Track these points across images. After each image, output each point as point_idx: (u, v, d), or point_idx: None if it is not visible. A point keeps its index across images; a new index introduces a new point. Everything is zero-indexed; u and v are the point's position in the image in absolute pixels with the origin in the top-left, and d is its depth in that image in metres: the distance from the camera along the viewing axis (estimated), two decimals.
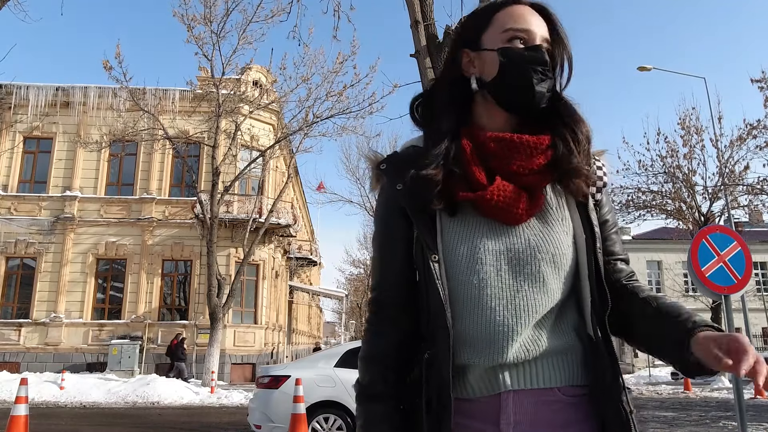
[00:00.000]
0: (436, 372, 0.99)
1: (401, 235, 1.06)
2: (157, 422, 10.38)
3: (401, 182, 1.05)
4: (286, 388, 6.76)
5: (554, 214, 1.04)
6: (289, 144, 20.55)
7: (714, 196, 20.82)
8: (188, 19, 16.76)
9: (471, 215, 1.03)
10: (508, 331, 0.97)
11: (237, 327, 20.81)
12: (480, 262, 0.99)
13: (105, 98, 21.00)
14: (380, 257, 1.11)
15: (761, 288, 32.02)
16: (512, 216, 1.00)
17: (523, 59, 1.04)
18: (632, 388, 19.96)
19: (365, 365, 1.08)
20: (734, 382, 4.81)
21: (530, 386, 0.99)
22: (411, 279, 1.07)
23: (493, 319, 0.98)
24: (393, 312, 1.08)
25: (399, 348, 1.06)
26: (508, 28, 1.05)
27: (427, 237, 1.02)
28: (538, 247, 1.00)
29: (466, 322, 0.99)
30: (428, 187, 1.02)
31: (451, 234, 1.02)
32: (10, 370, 18.18)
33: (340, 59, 17.95)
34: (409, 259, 1.06)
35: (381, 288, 1.11)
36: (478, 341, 0.99)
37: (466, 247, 1.01)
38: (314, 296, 41.92)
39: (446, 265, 1.01)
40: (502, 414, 0.99)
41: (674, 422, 10.25)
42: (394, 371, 1.06)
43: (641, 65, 20.50)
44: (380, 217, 1.11)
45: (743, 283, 4.86)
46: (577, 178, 1.04)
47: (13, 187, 21.75)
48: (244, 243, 18.36)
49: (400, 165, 1.07)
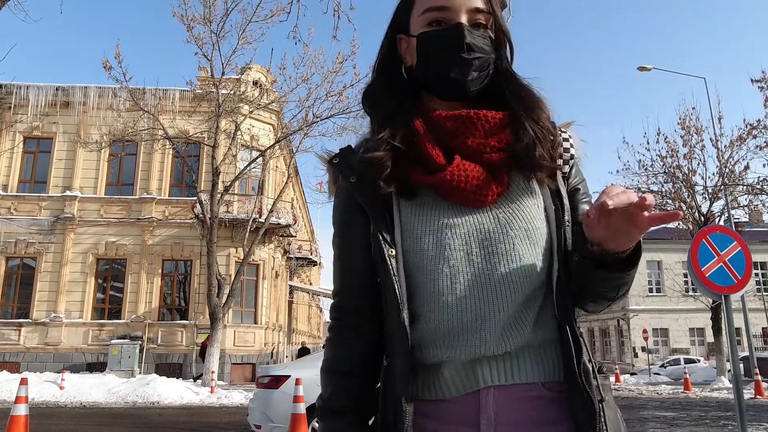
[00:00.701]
0: (391, 381, 0.91)
1: (361, 235, 0.97)
2: (157, 422, 10.37)
3: (354, 175, 0.98)
4: (286, 388, 6.75)
5: (522, 187, 0.96)
6: (289, 144, 20.56)
7: (714, 196, 20.83)
8: (188, 19, 16.78)
9: (432, 200, 0.95)
10: (488, 318, 0.89)
11: (237, 327, 20.81)
12: (449, 248, 0.91)
13: (105, 98, 21.00)
14: (340, 260, 1.03)
15: (761, 288, 32.02)
16: (478, 198, 0.92)
17: (436, 45, 0.96)
18: (632, 388, 19.96)
19: (326, 377, 1.00)
20: (734, 382, 4.81)
21: (513, 381, 0.90)
22: (375, 282, 0.98)
23: (469, 308, 0.89)
24: (356, 320, 1.00)
25: (363, 358, 0.98)
26: (425, 9, 0.97)
27: (384, 231, 0.93)
28: (509, 223, 0.92)
29: (440, 317, 0.91)
30: (376, 170, 0.95)
31: (413, 224, 0.94)
32: (10, 370, 18.18)
33: (340, 59, 17.98)
34: (370, 261, 0.97)
35: (343, 294, 1.02)
36: (453, 335, 0.90)
37: (431, 235, 0.92)
38: (314, 296, 41.92)
39: (412, 258, 0.92)
40: (482, 413, 0.89)
41: (674, 422, 10.24)
42: (358, 384, 0.98)
43: (641, 65, 20.54)
44: (338, 217, 1.03)
45: (743, 283, 4.86)
46: (538, 171, 0.95)
47: (13, 187, 21.76)
48: (244, 243, 18.36)
49: (353, 158, 1.00)
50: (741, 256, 4.87)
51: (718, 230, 5.07)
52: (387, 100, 1.02)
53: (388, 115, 1.01)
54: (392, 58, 1.05)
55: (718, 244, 4.89)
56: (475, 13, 0.96)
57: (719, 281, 4.85)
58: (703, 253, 4.87)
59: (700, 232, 5.05)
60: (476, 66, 0.95)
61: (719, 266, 4.85)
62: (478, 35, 0.96)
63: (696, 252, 4.87)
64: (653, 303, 34.56)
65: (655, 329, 33.41)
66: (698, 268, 4.84)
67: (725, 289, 4.85)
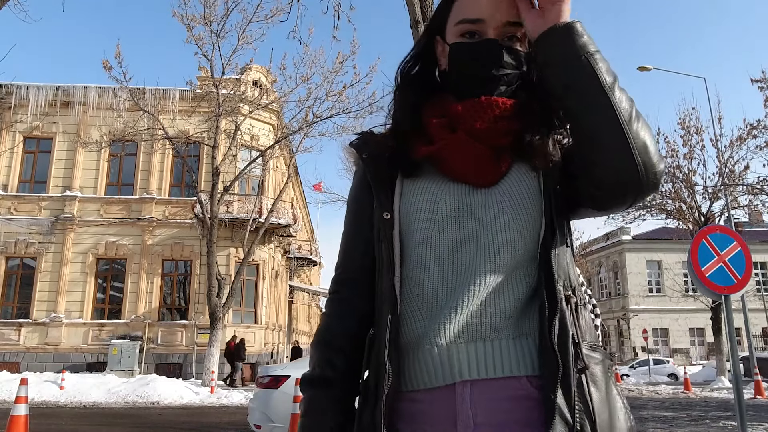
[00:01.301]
0: (376, 348, 0.89)
1: (368, 212, 0.99)
2: (157, 422, 10.37)
3: (366, 152, 1.02)
4: (286, 388, 6.74)
5: (524, 172, 0.95)
6: (289, 144, 20.57)
7: (714, 196, 20.83)
8: (188, 19, 16.78)
9: (432, 175, 0.96)
10: (467, 288, 0.86)
11: (237, 327, 20.79)
12: (440, 211, 0.91)
13: (105, 98, 21.00)
14: (346, 236, 1.05)
15: (761, 288, 32.05)
16: (476, 176, 0.92)
17: (467, 58, 0.96)
18: (632, 388, 19.96)
19: (313, 350, 1.01)
20: (734, 382, 4.81)
21: (493, 374, 0.83)
22: (374, 260, 0.98)
23: (451, 274, 0.88)
24: (351, 294, 1.00)
25: (353, 334, 0.97)
26: (459, 20, 0.97)
27: (383, 198, 0.95)
28: (504, 201, 0.91)
29: (421, 281, 0.89)
30: (383, 147, 1.01)
31: (410, 192, 0.95)
32: (10, 370, 18.18)
33: (340, 59, 17.98)
34: (373, 239, 0.98)
35: (343, 268, 1.04)
36: (435, 301, 0.88)
37: (425, 202, 0.93)
38: (314, 296, 41.90)
39: (405, 222, 0.93)
40: (459, 413, 0.83)
41: (674, 422, 10.25)
42: (344, 357, 0.96)
43: (641, 65, 20.54)
44: (351, 195, 1.06)
45: (743, 283, 4.86)
46: (542, 162, 0.93)
47: (13, 187, 21.76)
48: (244, 243, 18.37)
49: (369, 138, 1.05)
50: (741, 256, 4.87)
51: (718, 230, 5.07)
52: (414, 89, 1.05)
53: (410, 102, 1.03)
54: (427, 59, 1.06)
55: (718, 244, 4.90)
56: (508, 27, 0.95)
57: (719, 281, 4.85)
58: (703, 253, 4.87)
59: (700, 232, 5.06)
60: (504, 81, 0.95)
61: (719, 266, 4.86)
62: (509, 51, 0.95)
63: (696, 252, 4.87)
64: (653, 303, 34.57)
65: (655, 329, 33.43)
66: (698, 268, 4.85)
67: (725, 289, 4.86)
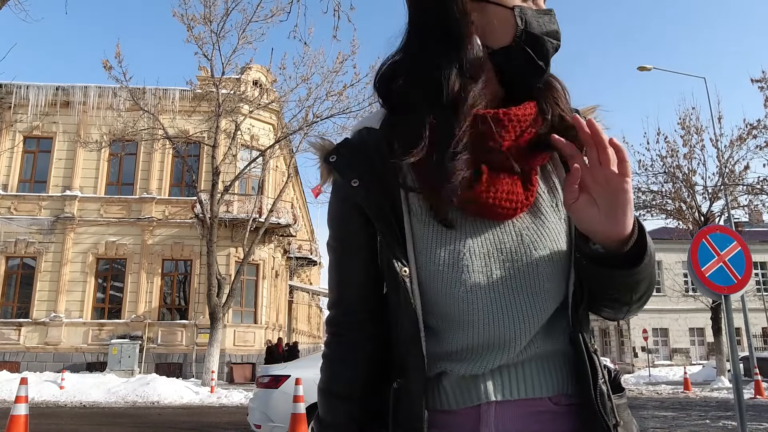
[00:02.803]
0: (406, 406, 0.83)
1: (363, 242, 0.87)
2: (157, 422, 10.37)
3: (356, 177, 0.85)
4: (286, 388, 6.75)
5: (546, 200, 0.86)
6: (289, 144, 20.57)
7: (714, 196, 20.83)
8: (188, 19, 16.79)
9: (451, 210, 0.83)
10: (501, 346, 0.81)
11: (237, 327, 20.81)
12: (467, 270, 0.80)
13: (105, 98, 21.01)
14: (338, 268, 0.91)
15: (761, 288, 32.03)
16: (505, 212, 0.81)
17: (542, 30, 0.83)
18: (632, 388, 19.95)
19: (327, 401, 0.91)
20: (734, 382, 4.81)
21: (516, 396, 0.82)
22: (378, 293, 0.88)
23: (483, 335, 0.81)
24: (357, 337, 0.90)
25: (365, 380, 0.89)
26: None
27: (394, 243, 0.82)
28: (533, 243, 0.82)
29: (449, 339, 0.83)
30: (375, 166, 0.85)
31: (425, 236, 0.82)
32: (10, 369, 18.19)
33: (340, 59, 18.00)
34: (374, 270, 0.87)
35: (340, 306, 0.92)
36: (460, 354, 0.83)
37: (446, 251, 0.81)
38: (314, 296, 41.90)
39: (426, 276, 0.82)
40: (483, 427, 0.82)
41: (674, 422, 10.24)
42: (361, 406, 0.89)
43: (641, 65, 20.53)
44: (335, 220, 0.91)
45: (743, 283, 4.86)
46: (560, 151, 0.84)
47: (13, 186, 21.76)
48: (244, 243, 18.37)
49: (354, 156, 0.88)
50: (741, 256, 4.87)
51: (718, 230, 5.07)
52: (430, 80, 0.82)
53: (420, 109, 0.83)
54: (446, 22, 0.83)
55: (718, 244, 4.89)
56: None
57: (719, 281, 4.85)
58: (703, 253, 4.87)
59: (700, 232, 5.05)
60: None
61: (719, 266, 4.85)
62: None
63: (696, 252, 4.87)
64: (653, 303, 34.52)
65: (655, 329, 33.40)
66: (698, 268, 4.84)
67: (725, 289, 4.85)
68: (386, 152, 0.84)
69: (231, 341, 20.28)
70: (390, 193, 0.84)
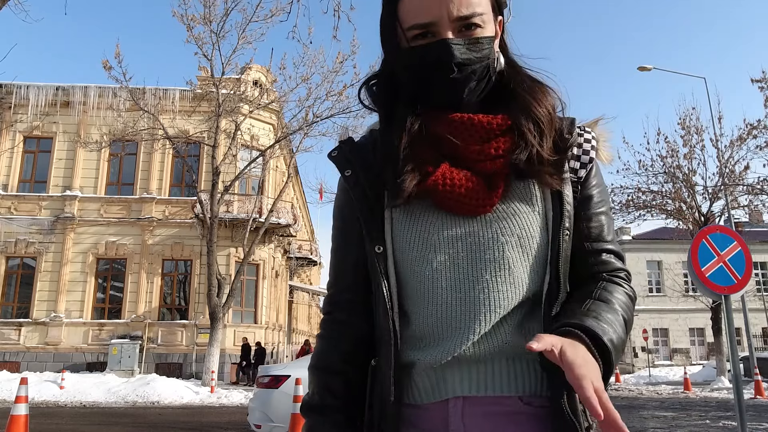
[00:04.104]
0: (379, 388, 0.88)
1: (356, 228, 0.94)
2: (157, 422, 10.37)
3: (350, 168, 0.96)
4: (286, 388, 6.75)
5: (520, 194, 0.89)
6: (289, 144, 20.56)
7: (714, 196, 20.83)
8: (188, 19, 16.80)
9: (424, 202, 0.89)
10: (464, 329, 0.83)
11: (237, 327, 20.81)
12: (433, 249, 0.86)
13: (105, 98, 21.01)
14: (335, 253, 1.00)
15: (761, 288, 32.03)
16: (468, 207, 0.86)
17: (422, 65, 0.88)
18: (632, 388, 19.95)
19: (311, 375, 0.97)
20: (734, 382, 4.81)
21: (485, 392, 0.84)
22: (368, 278, 0.94)
23: (447, 315, 0.84)
24: (346, 315, 0.96)
25: (351, 356, 0.94)
26: (408, 26, 0.89)
27: (372, 227, 0.90)
28: (501, 229, 0.86)
29: (418, 320, 0.88)
30: (367, 171, 0.94)
31: (402, 223, 0.90)
32: (10, 369, 18.20)
33: (340, 59, 17.99)
34: (365, 256, 0.94)
35: (336, 287, 0.99)
36: (430, 338, 0.87)
37: (416, 232, 0.88)
38: (314, 296, 41.89)
39: (399, 256, 0.89)
40: (451, 423, 0.84)
41: (674, 422, 10.24)
42: (344, 381, 0.93)
43: (641, 65, 20.54)
44: (337, 208, 1.01)
45: (743, 283, 4.86)
46: (538, 181, 0.89)
47: (13, 186, 21.76)
48: (244, 243, 18.37)
49: (353, 151, 0.98)
50: (741, 256, 4.87)
51: (718, 230, 5.07)
52: (385, 97, 0.97)
53: (388, 113, 0.95)
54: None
55: (718, 244, 4.89)
56: (464, 20, 0.87)
57: (719, 281, 4.85)
58: (703, 253, 4.87)
59: (700, 232, 5.05)
60: (473, 78, 0.88)
61: (719, 266, 4.85)
62: (469, 44, 0.87)
63: (696, 252, 4.87)
64: (653, 303, 34.54)
65: (655, 329, 33.39)
66: (698, 268, 4.84)
67: (725, 289, 4.85)
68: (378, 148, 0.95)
69: (231, 341, 20.28)
70: (378, 184, 0.92)
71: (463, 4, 0.86)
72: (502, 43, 0.95)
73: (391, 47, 0.94)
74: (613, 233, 0.95)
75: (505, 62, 0.95)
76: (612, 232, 0.95)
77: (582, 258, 0.91)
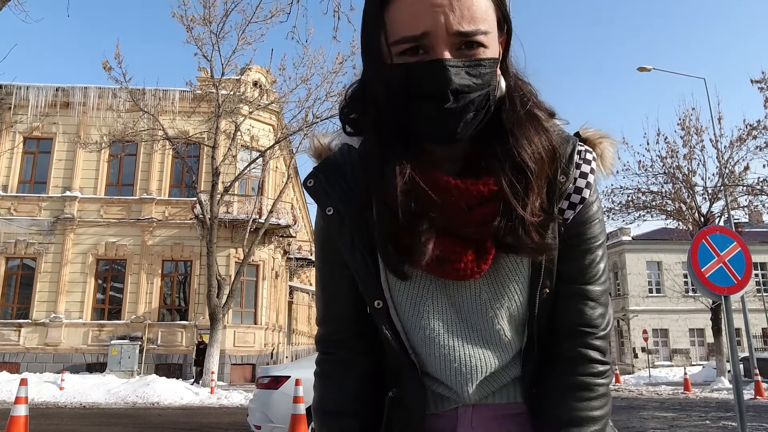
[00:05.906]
0: (401, 416, 0.87)
1: (344, 262, 0.87)
2: (157, 422, 10.37)
3: (331, 205, 0.85)
4: (286, 389, 6.75)
5: (508, 261, 0.84)
6: (289, 144, 20.57)
7: (714, 196, 20.84)
8: (187, 19, 16.81)
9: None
10: (464, 381, 0.86)
11: (237, 327, 20.80)
12: (427, 315, 0.84)
13: (105, 99, 21.03)
14: (322, 286, 0.92)
15: (761, 288, 32.05)
16: (456, 274, 0.81)
17: (410, 88, 0.74)
18: (632, 388, 19.96)
19: (320, 419, 0.92)
20: (734, 383, 4.81)
21: (491, 401, 0.89)
22: (363, 309, 0.88)
23: (444, 376, 0.87)
24: (345, 354, 0.91)
25: (357, 396, 0.90)
26: (395, 40, 0.75)
27: (368, 283, 0.85)
28: (490, 302, 0.84)
29: (426, 363, 0.88)
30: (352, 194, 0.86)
31: (393, 278, 0.84)
32: (10, 370, 18.18)
33: (339, 59, 18.02)
34: (357, 289, 0.88)
35: (328, 325, 0.92)
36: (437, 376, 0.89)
37: (409, 296, 0.85)
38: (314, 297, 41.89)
39: (396, 308, 0.85)
40: (460, 427, 0.88)
41: (674, 422, 10.24)
42: (355, 420, 0.90)
43: (641, 66, 20.56)
44: (319, 239, 0.91)
45: (743, 283, 4.86)
46: (522, 255, 0.83)
47: (13, 187, 21.76)
48: (244, 243, 18.37)
49: (331, 181, 0.87)
50: (741, 257, 4.87)
51: (718, 231, 5.07)
52: (369, 131, 0.85)
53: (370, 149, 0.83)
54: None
55: (718, 244, 4.90)
56: (465, 36, 0.73)
57: (719, 282, 4.85)
58: (703, 253, 4.87)
59: (700, 233, 5.05)
60: (471, 109, 0.75)
61: (719, 267, 4.86)
62: (469, 66, 0.74)
63: (696, 252, 4.87)
64: (653, 303, 34.55)
65: (655, 330, 33.40)
66: (698, 268, 4.85)
67: (725, 290, 4.86)
68: (361, 176, 0.84)
69: (231, 342, 20.28)
70: (365, 220, 0.83)
71: (465, 17, 0.73)
72: (503, 64, 0.83)
73: (372, 61, 0.80)
74: (597, 270, 0.87)
75: (506, 86, 0.84)
76: (597, 270, 0.87)
77: (562, 308, 0.86)
